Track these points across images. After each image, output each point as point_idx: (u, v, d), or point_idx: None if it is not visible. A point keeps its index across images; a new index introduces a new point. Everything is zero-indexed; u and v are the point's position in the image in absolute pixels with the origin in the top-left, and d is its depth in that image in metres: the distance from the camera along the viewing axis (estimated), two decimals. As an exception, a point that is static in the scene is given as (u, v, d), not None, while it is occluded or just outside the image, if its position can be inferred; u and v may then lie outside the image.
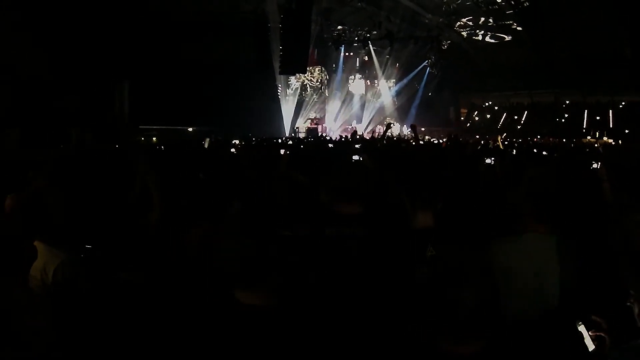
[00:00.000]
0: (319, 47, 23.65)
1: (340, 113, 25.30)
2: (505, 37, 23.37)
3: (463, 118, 28.82)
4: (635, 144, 15.92)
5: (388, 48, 23.72)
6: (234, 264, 1.45)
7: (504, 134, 19.53)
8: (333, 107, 25.23)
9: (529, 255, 2.03)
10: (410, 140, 9.59)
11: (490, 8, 21.50)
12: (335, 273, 2.08)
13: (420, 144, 10.33)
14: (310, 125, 23.58)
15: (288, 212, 2.28)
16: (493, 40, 24.06)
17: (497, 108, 27.28)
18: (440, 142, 13.93)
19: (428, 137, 19.69)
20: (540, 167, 4.48)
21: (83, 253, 2.36)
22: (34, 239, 2.02)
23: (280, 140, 13.87)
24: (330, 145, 10.18)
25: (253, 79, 19.51)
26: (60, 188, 2.58)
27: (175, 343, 1.47)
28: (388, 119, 24.20)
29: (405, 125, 23.53)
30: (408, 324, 1.35)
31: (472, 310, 1.21)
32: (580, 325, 1.61)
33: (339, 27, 23.52)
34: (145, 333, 1.84)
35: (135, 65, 15.26)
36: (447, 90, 26.40)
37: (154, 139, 14.24)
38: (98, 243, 2.48)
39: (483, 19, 22.71)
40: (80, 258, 2.27)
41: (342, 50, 24.50)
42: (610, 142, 18.24)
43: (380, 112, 25.81)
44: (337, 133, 21.29)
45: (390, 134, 15.24)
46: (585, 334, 1.60)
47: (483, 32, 23.80)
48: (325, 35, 23.27)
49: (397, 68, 26.00)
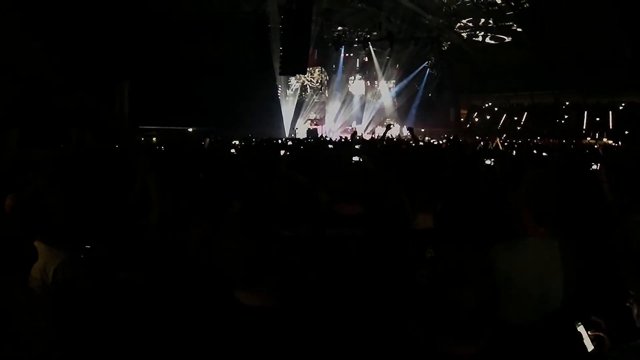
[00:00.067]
0: (319, 47, 23.65)
1: (340, 114, 25.31)
2: (505, 38, 23.40)
3: (463, 119, 28.85)
4: (635, 145, 15.95)
5: (388, 49, 23.74)
6: (234, 264, 1.45)
7: (504, 135, 19.54)
8: (333, 107, 25.24)
9: (531, 261, 1.99)
10: (410, 142, 9.60)
11: (491, 9, 21.53)
12: (336, 273, 2.08)
13: (420, 145, 10.33)
14: (311, 126, 23.59)
15: (288, 212, 2.28)
16: (493, 42, 24.09)
17: (497, 109, 27.32)
18: (440, 143, 13.95)
19: (428, 138, 19.69)
20: (540, 168, 4.48)
21: (83, 253, 2.36)
22: (34, 239, 2.02)
23: (280, 141, 13.86)
24: (330, 146, 10.17)
25: (253, 80, 19.50)
26: (60, 188, 2.58)
27: (176, 343, 1.47)
28: (388, 120, 24.21)
29: (405, 126, 23.54)
30: (408, 324, 1.35)
31: (472, 311, 1.21)
32: (580, 326, 1.61)
33: (339, 27, 23.53)
34: (146, 333, 1.84)
35: (136, 65, 15.28)
36: (447, 91, 26.38)
37: (154, 139, 14.23)
38: (98, 243, 2.48)
39: (483, 20, 22.74)
40: (80, 258, 2.27)
41: (342, 51, 24.50)
42: (610, 143, 18.26)
43: (380, 113, 25.81)
44: (337, 134, 21.30)
45: (390, 135, 15.24)
46: (585, 334, 1.60)
47: (483, 33, 23.83)
48: (326, 36, 23.27)
49: (397, 69, 26.01)
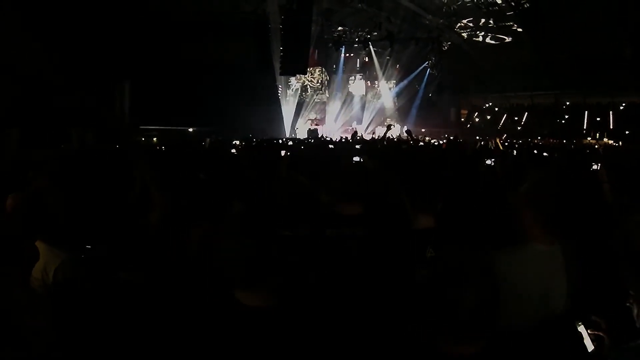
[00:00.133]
0: (320, 47, 23.62)
1: (341, 114, 25.30)
2: (506, 38, 23.36)
3: (463, 119, 28.82)
4: (636, 145, 15.94)
5: (388, 49, 23.70)
6: (234, 264, 1.45)
7: (505, 135, 19.54)
8: (333, 108, 25.23)
9: (533, 267, 1.95)
10: (410, 142, 9.61)
11: (491, 9, 21.51)
12: (336, 273, 2.08)
13: (420, 145, 10.34)
14: (311, 126, 23.58)
15: (288, 212, 2.28)
16: (493, 42, 24.05)
17: (497, 109, 27.28)
18: (441, 143, 13.95)
19: (428, 138, 19.69)
20: (541, 171, 4.45)
21: (83, 253, 2.36)
22: (35, 239, 2.02)
23: (281, 141, 13.86)
24: (331, 147, 10.18)
25: (253, 80, 19.48)
26: (61, 188, 2.58)
27: (176, 343, 1.47)
28: (388, 120, 24.20)
29: (405, 127, 23.54)
30: (408, 324, 1.35)
31: (472, 311, 1.21)
32: (580, 326, 1.61)
33: (340, 28, 23.50)
34: (146, 333, 1.84)
35: (136, 66, 15.27)
36: (447, 92, 26.35)
37: (155, 139, 14.23)
38: (98, 243, 2.48)
39: (483, 20, 22.71)
40: (81, 258, 2.27)
41: (342, 51, 24.46)
42: (611, 143, 18.26)
43: (381, 113, 25.79)
44: (337, 134, 21.29)
45: (391, 135, 15.23)
46: (585, 334, 1.60)
47: (483, 33, 23.79)
48: (326, 36, 23.24)
49: (397, 69, 25.99)
